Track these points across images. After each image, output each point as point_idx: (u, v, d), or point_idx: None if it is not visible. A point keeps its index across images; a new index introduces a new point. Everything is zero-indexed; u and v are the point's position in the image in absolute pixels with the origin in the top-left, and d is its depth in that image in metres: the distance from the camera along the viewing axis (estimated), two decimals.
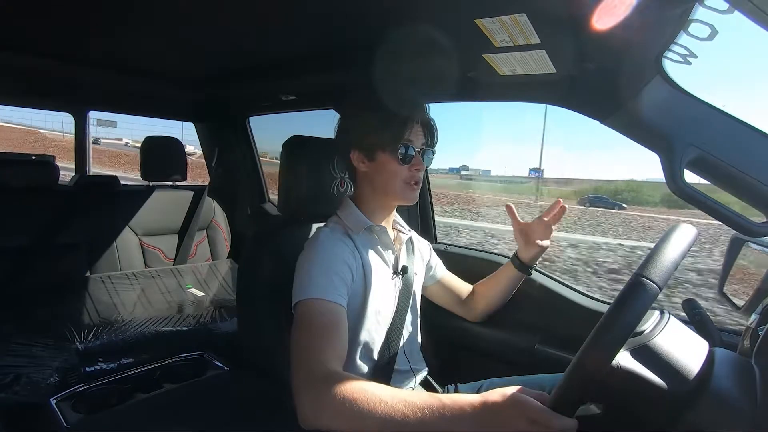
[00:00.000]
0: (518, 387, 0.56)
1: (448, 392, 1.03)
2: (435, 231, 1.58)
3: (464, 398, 0.55)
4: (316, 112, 1.72)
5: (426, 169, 1.51)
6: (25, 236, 1.56)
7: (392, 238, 0.97)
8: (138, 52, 1.32)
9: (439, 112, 0.99)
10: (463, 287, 1.15)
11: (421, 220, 1.55)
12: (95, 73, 1.47)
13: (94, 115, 1.93)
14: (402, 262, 0.96)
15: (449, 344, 1.29)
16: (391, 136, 0.86)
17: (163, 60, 1.41)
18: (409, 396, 0.58)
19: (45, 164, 1.68)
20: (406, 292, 0.95)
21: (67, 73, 1.46)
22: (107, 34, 1.15)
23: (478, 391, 1.01)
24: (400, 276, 0.95)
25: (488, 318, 1.16)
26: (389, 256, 0.95)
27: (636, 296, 0.48)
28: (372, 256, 0.90)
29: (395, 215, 0.99)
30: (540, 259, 1.08)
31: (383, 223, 0.94)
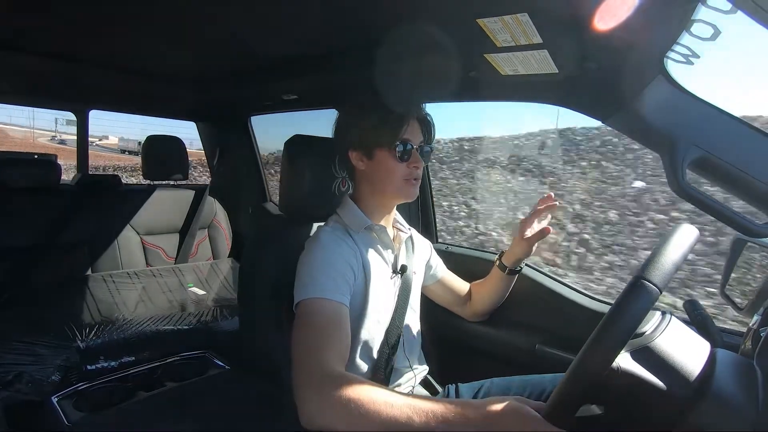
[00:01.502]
0: (519, 396, 0.57)
1: (448, 392, 1.03)
2: (436, 230, 1.58)
3: (468, 405, 0.56)
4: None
5: (427, 168, 1.53)
6: (27, 235, 1.57)
7: (392, 237, 0.97)
8: (139, 51, 1.32)
9: None
10: (464, 287, 1.15)
11: (423, 219, 1.55)
12: (96, 73, 1.47)
13: (62, 115, 1.94)
14: (401, 262, 0.96)
15: (450, 344, 1.29)
16: (389, 134, 0.86)
17: (164, 59, 1.41)
18: (414, 400, 0.58)
19: (47, 164, 1.69)
20: (405, 291, 0.95)
21: (68, 72, 1.46)
22: (108, 34, 1.15)
23: (479, 391, 1.02)
24: (399, 275, 0.95)
25: (488, 318, 1.16)
26: (389, 256, 0.95)
27: (636, 298, 0.48)
28: (372, 255, 0.90)
29: (395, 214, 0.99)
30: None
31: (383, 222, 0.94)
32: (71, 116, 1.98)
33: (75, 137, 2.08)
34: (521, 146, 4.68)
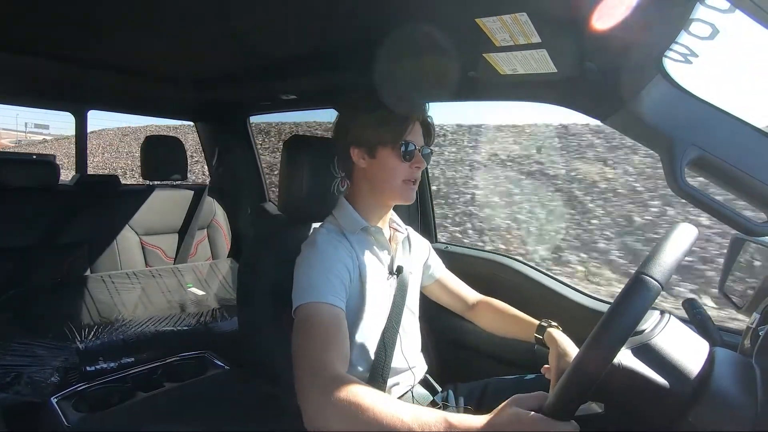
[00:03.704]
0: (515, 396, 0.56)
1: (448, 393, 1.03)
2: (435, 230, 1.58)
3: (471, 419, 0.55)
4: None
5: (426, 168, 1.53)
6: (26, 236, 1.56)
7: (388, 238, 0.96)
8: (138, 52, 1.32)
9: None
10: (463, 288, 1.14)
11: (422, 219, 1.55)
12: (95, 73, 1.47)
13: (31, 119, 1.93)
14: (398, 262, 0.96)
15: (449, 344, 1.29)
16: (393, 133, 0.86)
17: (163, 60, 1.41)
18: (417, 410, 0.57)
19: (46, 164, 1.69)
20: (401, 291, 0.95)
21: (67, 73, 1.46)
22: (108, 34, 1.15)
23: (478, 391, 1.02)
24: (396, 276, 0.95)
25: None
26: (385, 257, 0.94)
27: (638, 294, 0.48)
28: (368, 256, 0.90)
29: (392, 213, 0.99)
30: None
31: (379, 223, 0.94)
32: (40, 120, 1.99)
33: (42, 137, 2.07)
34: None
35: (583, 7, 0.65)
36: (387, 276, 0.93)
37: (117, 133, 10.90)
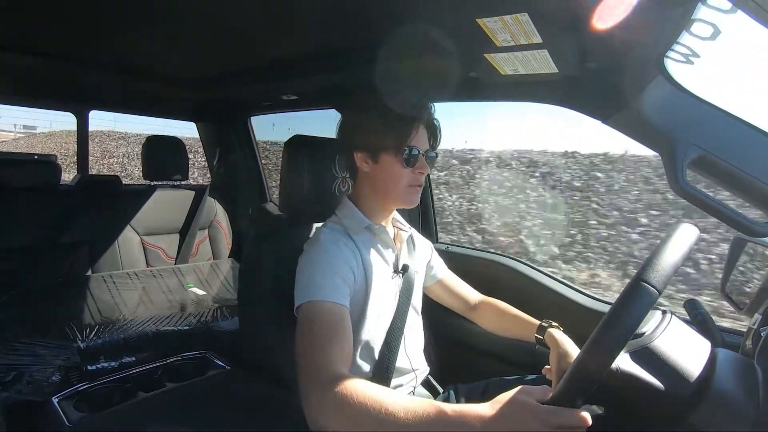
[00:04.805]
0: (521, 387, 0.54)
1: (449, 393, 1.03)
2: (437, 230, 1.58)
3: (470, 408, 0.54)
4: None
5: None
6: (27, 236, 1.57)
7: (392, 237, 0.96)
8: (139, 52, 1.32)
9: None
10: (465, 288, 1.14)
11: (423, 219, 1.55)
12: (96, 74, 1.47)
13: (19, 121, 1.94)
14: (403, 261, 0.96)
15: (450, 344, 1.29)
16: (397, 139, 0.85)
17: (163, 60, 1.41)
18: (411, 403, 0.56)
19: (47, 164, 1.69)
20: (406, 290, 0.95)
21: (68, 73, 1.46)
22: (108, 35, 1.15)
23: (479, 392, 1.02)
24: (401, 275, 0.94)
25: None
26: (389, 255, 0.94)
27: (635, 300, 0.48)
28: (372, 255, 0.90)
29: (395, 213, 0.99)
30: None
31: (383, 222, 0.94)
32: (28, 122, 2.00)
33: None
34: None
35: (584, 7, 0.65)
36: (392, 275, 0.93)
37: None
